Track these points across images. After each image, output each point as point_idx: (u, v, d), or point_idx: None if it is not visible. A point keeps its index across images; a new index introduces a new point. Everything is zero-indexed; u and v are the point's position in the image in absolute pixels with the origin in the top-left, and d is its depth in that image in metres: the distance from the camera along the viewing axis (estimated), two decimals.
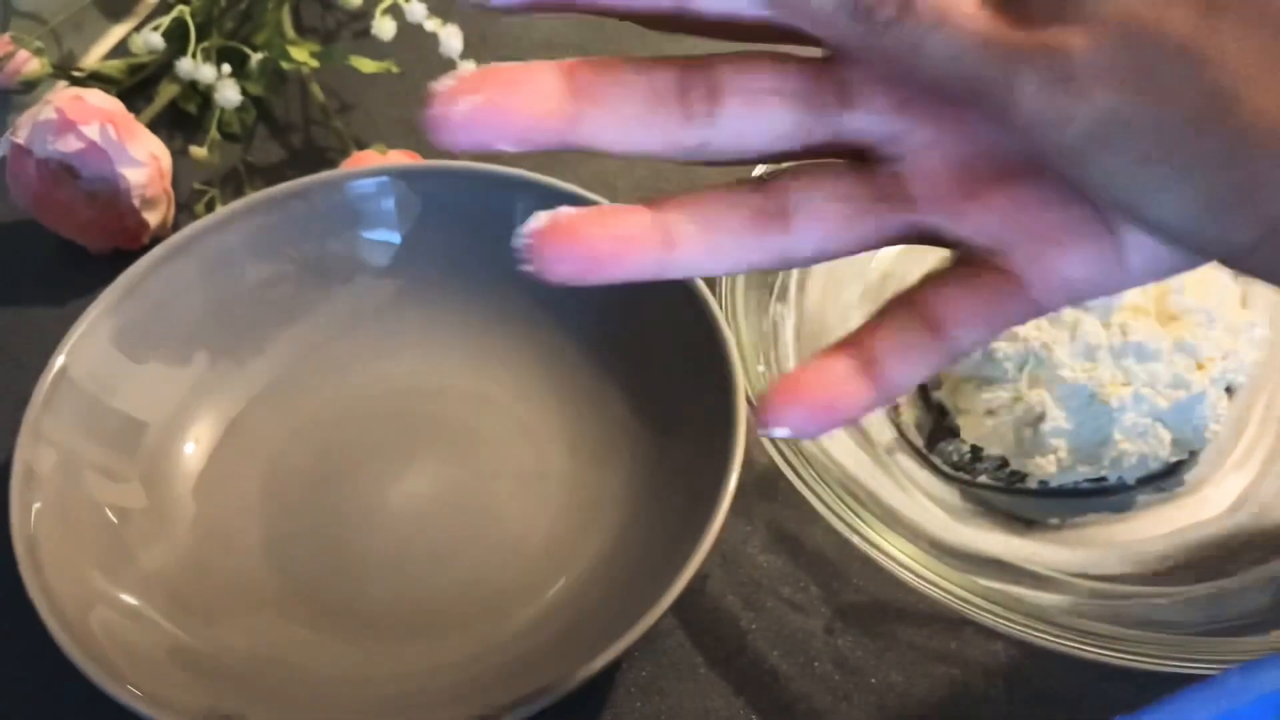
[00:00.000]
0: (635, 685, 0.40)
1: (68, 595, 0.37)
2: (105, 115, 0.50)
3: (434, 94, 0.24)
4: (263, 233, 0.47)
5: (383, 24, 0.56)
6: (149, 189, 0.51)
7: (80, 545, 0.40)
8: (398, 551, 0.43)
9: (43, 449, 0.41)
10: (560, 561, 0.42)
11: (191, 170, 0.55)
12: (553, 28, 0.63)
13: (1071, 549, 0.42)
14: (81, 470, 0.42)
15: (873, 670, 0.40)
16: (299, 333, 0.47)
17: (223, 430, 0.45)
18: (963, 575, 0.38)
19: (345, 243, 0.48)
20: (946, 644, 0.41)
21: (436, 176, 0.48)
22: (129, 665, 0.36)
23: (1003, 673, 0.40)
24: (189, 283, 0.46)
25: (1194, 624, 0.39)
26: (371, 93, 0.59)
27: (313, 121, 0.59)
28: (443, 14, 0.56)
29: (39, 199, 0.51)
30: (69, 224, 0.52)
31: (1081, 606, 0.39)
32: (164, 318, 0.45)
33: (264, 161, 0.57)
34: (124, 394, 0.44)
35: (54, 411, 0.41)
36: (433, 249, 0.48)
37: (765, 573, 0.43)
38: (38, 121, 0.50)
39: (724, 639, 0.41)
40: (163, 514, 0.43)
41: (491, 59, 0.64)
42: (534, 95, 0.25)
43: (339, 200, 0.47)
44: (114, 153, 0.50)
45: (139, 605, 0.39)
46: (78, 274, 0.52)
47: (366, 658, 0.40)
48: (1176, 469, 0.44)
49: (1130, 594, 0.40)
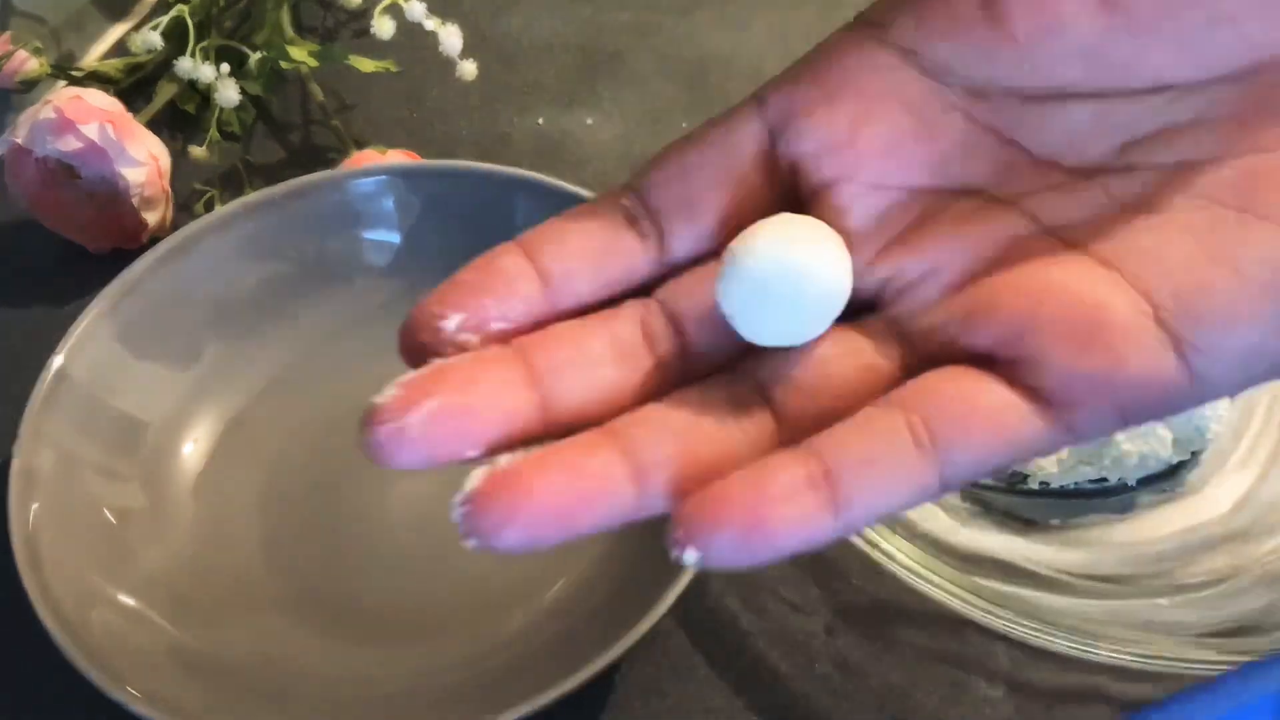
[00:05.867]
0: (635, 686, 0.40)
1: (67, 596, 0.37)
2: (104, 115, 0.50)
3: (376, 408, 0.20)
4: (262, 233, 0.47)
5: (382, 23, 0.56)
6: (148, 189, 0.51)
7: (79, 545, 0.40)
8: (398, 552, 0.43)
9: (42, 449, 0.40)
10: (560, 562, 0.42)
11: (191, 170, 0.55)
12: (553, 28, 0.62)
13: (1073, 549, 0.42)
14: (81, 470, 0.41)
15: (873, 671, 0.40)
16: (299, 333, 0.47)
17: (222, 430, 0.45)
18: (963, 576, 0.38)
19: (345, 243, 0.48)
20: (947, 645, 0.41)
21: (436, 176, 0.48)
22: (128, 666, 0.36)
23: (1003, 674, 0.40)
24: (188, 283, 0.46)
25: (1196, 625, 0.39)
26: (371, 92, 0.59)
27: (312, 121, 0.59)
28: (442, 13, 0.56)
29: (38, 199, 0.51)
30: (68, 224, 0.52)
31: (1082, 607, 0.39)
32: (163, 318, 0.45)
33: (263, 161, 0.57)
34: (123, 394, 0.44)
35: (53, 412, 0.41)
36: (432, 249, 0.48)
37: (765, 573, 0.43)
38: (37, 121, 0.50)
39: (724, 640, 0.41)
40: (162, 514, 0.43)
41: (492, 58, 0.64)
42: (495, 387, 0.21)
43: (338, 200, 0.47)
44: (113, 152, 0.50)
45: (138, 606, 0.39)
46: (77, 274, 0.52)
47: (366, 658, 0.40)
48: (1178, 469, 0.44)
49: (1131, 595, 0.40)
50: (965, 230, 0.22)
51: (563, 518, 0.20)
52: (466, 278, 0.22)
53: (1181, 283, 0.20)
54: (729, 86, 0.59)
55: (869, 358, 0.22)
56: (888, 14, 0.22)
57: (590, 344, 0.22)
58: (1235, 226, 0.20)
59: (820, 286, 0.21)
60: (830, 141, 0.22)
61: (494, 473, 0.20)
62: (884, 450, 0.20)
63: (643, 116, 0.58)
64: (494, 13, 0.63)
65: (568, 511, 0.20)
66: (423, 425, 0.20)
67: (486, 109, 0.59)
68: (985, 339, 0.21)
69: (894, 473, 0.20)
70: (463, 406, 0.20)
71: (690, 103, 0.58)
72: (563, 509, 0.20)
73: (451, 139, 0.58)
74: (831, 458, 0.20)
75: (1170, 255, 0.20)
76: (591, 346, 0.22)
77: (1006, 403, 0.20)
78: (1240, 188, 0.20)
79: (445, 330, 0.21)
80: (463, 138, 0.58)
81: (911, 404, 0.20)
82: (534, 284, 0.22)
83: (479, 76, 0.57)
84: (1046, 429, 0.20)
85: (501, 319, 0.22)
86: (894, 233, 0.22)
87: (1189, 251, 0.20)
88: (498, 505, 0.20)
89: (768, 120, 0.23)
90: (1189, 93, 0.21)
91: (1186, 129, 0.21)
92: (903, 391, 0.21)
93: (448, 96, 0.59)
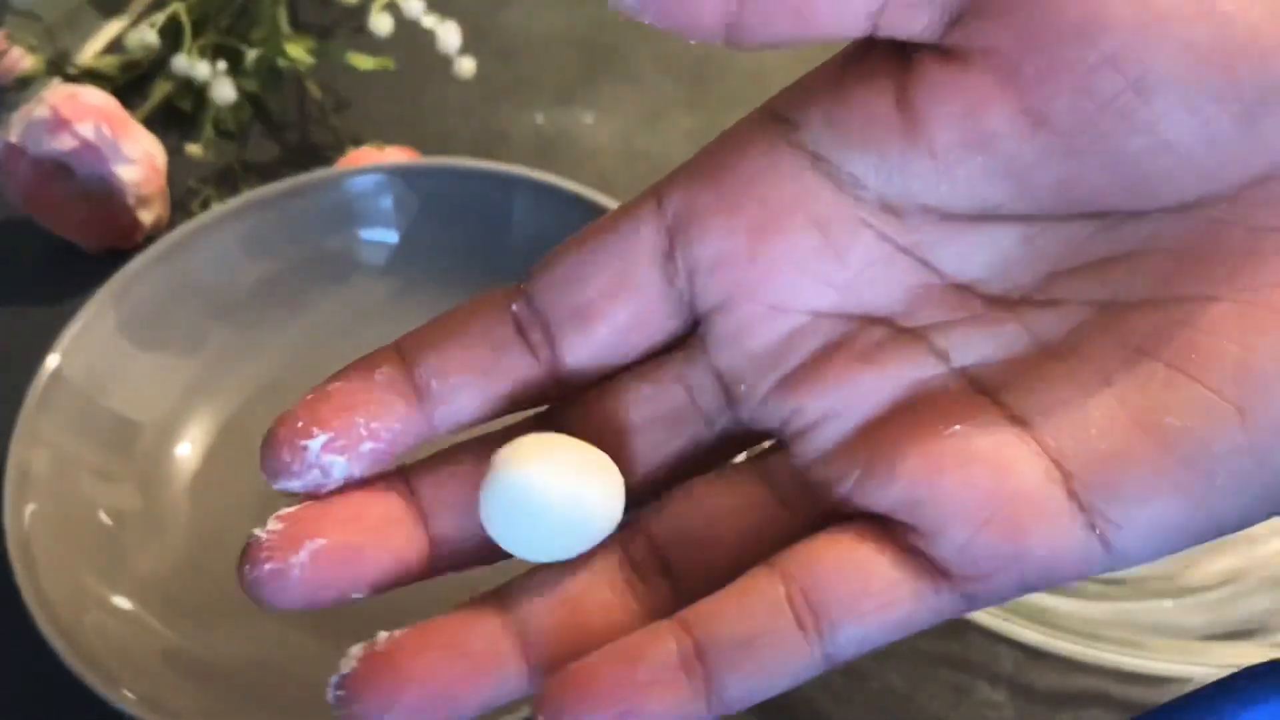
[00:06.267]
0: None
1: (62, 598, 0.37)
2: (100, 113, 0.50)
3: (258, 544, 0.19)
4: (259, 232, 0.47)
5: (379, 20, 0.55)
6: (144, 187, 0.51)
7: (75, 547, 0.39)
8: None
9: (37, 450, 0.40)
10: None
11: (187, 168, 0.55)
12: (552, 25, 0.62)
13: None
14: (76, 471, 0.41)
15: (874, 674, 0.40)
16: (295, 332, 0.47)
17: (218, 431, 0.45)
18: None
19: (342, 241, 0.48)
20: (949, 647, 0.40)
21: (434, 175, 0.47)
22: (123, 668, 0.36)
23: (1006, 677, 0.40)
24: (184, 282, 0.46)
25: (1201, 628, 0.39)
26: (368, 90, 0.59)
27: (309, 119, 0.59)
28: (440, 10, 0.56)
29: (33, 197, 0.51)
30: (63, 223, 0.51)
31: (1087, 610, 0.39)
32: (159, 318, 0.45)
33: (260, 159, 0.57)
34: (119, 394, 0.43)
35: (48, 412, 0.41)
36: (430, 247, 0.47)
37: None
38: (32, 119, 0.49)
39: None
40: (158, 516, 0.42)
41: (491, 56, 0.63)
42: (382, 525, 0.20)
43: (336, 199, 0.47)
44: (108, 151, 0.49)
45: (133, 608, 0.39)
46: (72, 273, 0.51)
47: None
48: None
49: (1136, 597, 0.40)
50: (869, 370, 0.20)
51: (444, 702, 0.19)
52: (334, 388, 0.20)
53: (1098, 450, 0.18)
54: (729, 84, 0.59)
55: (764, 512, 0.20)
56: (798, 109, 0.20)
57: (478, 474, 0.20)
58: (1163, 386, 0.18)
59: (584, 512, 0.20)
60: (728, 254, 0.20)
61: (371, 654, 0.19)
62: (761, 629, 0.19)
63: (642, 114, 0.58)
64: (492, 9, 0.63)
65: (449, 695, 0.19)
66: (306, 567, 0.19)
67: (485, 107, 0.59)
68: (882, 502, 0.19)
69: (771, 655, 0.19)
70: (348, 547, 0.19)
71: (690, 101, 0.58)
72: (443, 694, 0.19)
73: (449, 137, 0.57)
74: (706, 633, 0.19)
75: (1089, 415, 0.18)
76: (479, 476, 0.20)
77: (899, 579, 0.19)
78: (1174, 340, 0.18)
79: (309, 450, 0.20)
80: (461, 136, 0.57)
81: (797, 573, 0.19)
82: (410, 401, 0.20)
83: (477, 74, 0.57)
84: (945, 601, 0.19)
85: (373, 438, 0.20)
86: (795, 362, 0.20)
87: (1110, 412, 0.18)
88: (374, 693, 0.19)
89: (666, 221, 0.20)
90: (1126, 222, 0.19)
91: (1121, 263, 0.19)
92: (790, 557, 0.19)
93: (446, 94, 0.59)
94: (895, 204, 0.20)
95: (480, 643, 0.19)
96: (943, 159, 0.19)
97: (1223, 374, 0.18)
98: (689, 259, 0.20)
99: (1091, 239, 0.19)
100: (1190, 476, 0.18)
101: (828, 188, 0.20)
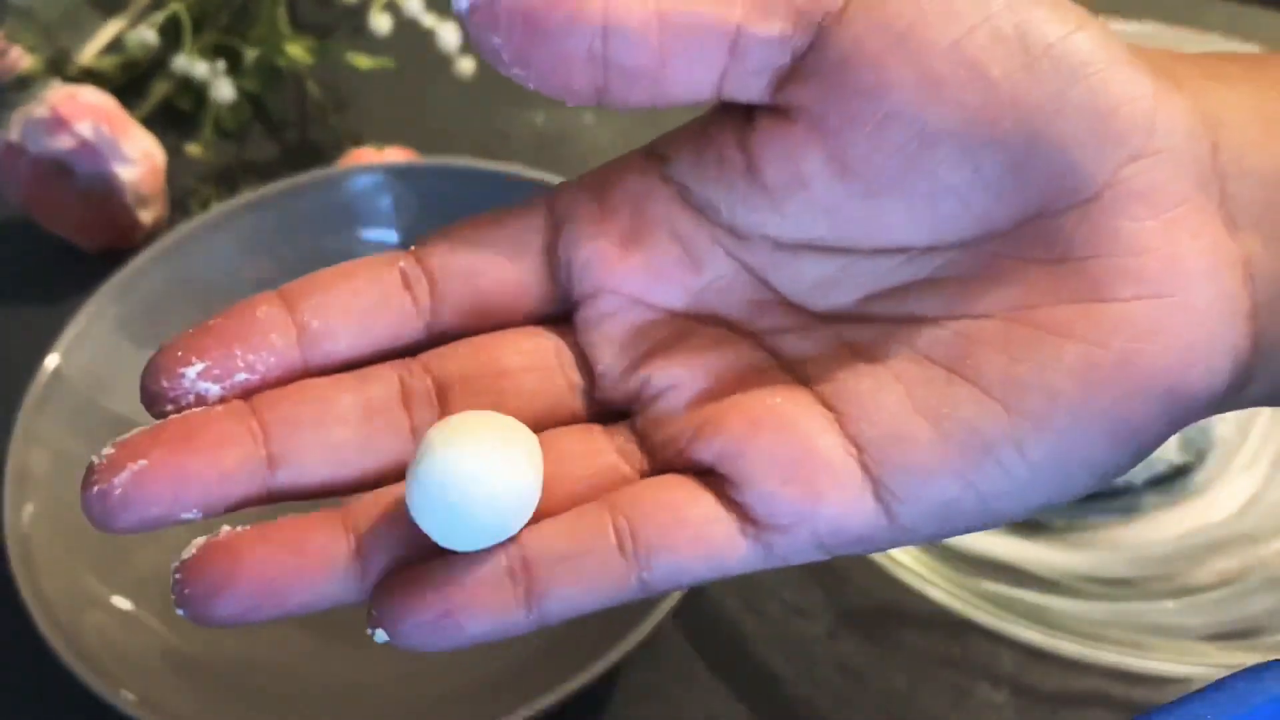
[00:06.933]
0: (636, 690, 0.40)
1: (61, 598, 0.37)
2: (99, 113, 0.50)
3: (90, 469, 0.20)
4: (258, 231, 0.47)
5: (379, 20, 0.56)
6: (143, 187, 0.51)
7: (74, 547, 0.39)
8: None
9: (36, 450, 0.40)
10: None
11: (186, 168, 0.55)
12: None
13: (1077, 552, 0.41)
14: (75, 471, 0.41)
15: (876, 675, 0.40)
16: None
17: None
18: (967, 579, 0.37)
19: (342, 241, 0.47)
20: (950, 648, 0.40)
21: (434, 174, 0.47)
22: (122, 669, 0.36)
23: (1007, 677, 0.40)
24: (183, 282, 0.45)
25: (1201, 628, 0.39)
26: (368, 89, 0.59)
27: (308, 118, 0.59)
28: (440, 9, 0.56)
29: (32, 197, 0.51)
30: (62, 222, 0.51)
31: (1087, 610, 0.39)
32: (158, 317, 0.45)
33: (259, 159, 0.57)
34: (118, 394, 0.43)
35: (47, 412, 0.41)
36: None
37: (767, 576, 0.42)
38: (31, 119, 0.49)
39: (725, 644, 0.41)
40: None
41: None
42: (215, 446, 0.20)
43: (335, 198, 0.47)
44: (108, 150, 0.49)
45: (132, 608, 0.39)
46: (71, 273, 0.51)
47: (362, 662, 0.40)
48: (1184, 471, 0.44)
49: (1137, 597, 0.40)
50: (709, 354, 0.23)
51: (274, 594, 0.20)
52: (216, 323, 0.22)
53: (887, 430, 0.21)
54: None
55: (609, 459, 0.22)
56: (672, 148, 0.24)
57: (337, 401, 0.22)
58: (943, 385, 0.21)
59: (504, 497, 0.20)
60: (602, 253, 0.23)
61: (209, 542, 0.20)
62: (584, 548, 0.21)
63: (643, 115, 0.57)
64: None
65: (280, 588, 0.20)
66: (128, 488, 0.20)
67: (485, 106, 0.59)
68: (707, 454, 0.22)
69: (591, 573, 0.21)
70: (173, 468, 0.20)
71: None
72: (275, 585, 0.20)
73: (449, 137, 0.57)
74: (533, 549, 0.21)
75: (882, 403, 0.21)
76: (338, 404, 0.22)
77: (713, 517, 0.21)
78: (952, 349, 0.21)
79: (185, 377, 0.21)
80: (460, 135, 0.57)
81: (623, 506, 0.21)
82: (288, 336, 0.22)
83: (477, 73, 0.57)
84: (748, 548, 0.21)
85: (248, 370, 0.21)
86: (646, 346, 0.23)
87: (899, 401, 0.21)
88: (207, 576, 0.20)
89: (555, 220, 0.23)
90: (923, 255, 0.22)
91: (917, 287, 0.22)
92: (620, 494, 0.22)
93: (445, 94, 0.59)
94: (742, 230, 0.23)
95: (318, 542, 0.21)
96: (774, 195, 0.22)
97: (991, 378, 0.21)
98: (568, 252, 0.23)
99: (897, 268, 0.22)
100: (962, 462, 0.21)
101: (690, 211, 0.23)
